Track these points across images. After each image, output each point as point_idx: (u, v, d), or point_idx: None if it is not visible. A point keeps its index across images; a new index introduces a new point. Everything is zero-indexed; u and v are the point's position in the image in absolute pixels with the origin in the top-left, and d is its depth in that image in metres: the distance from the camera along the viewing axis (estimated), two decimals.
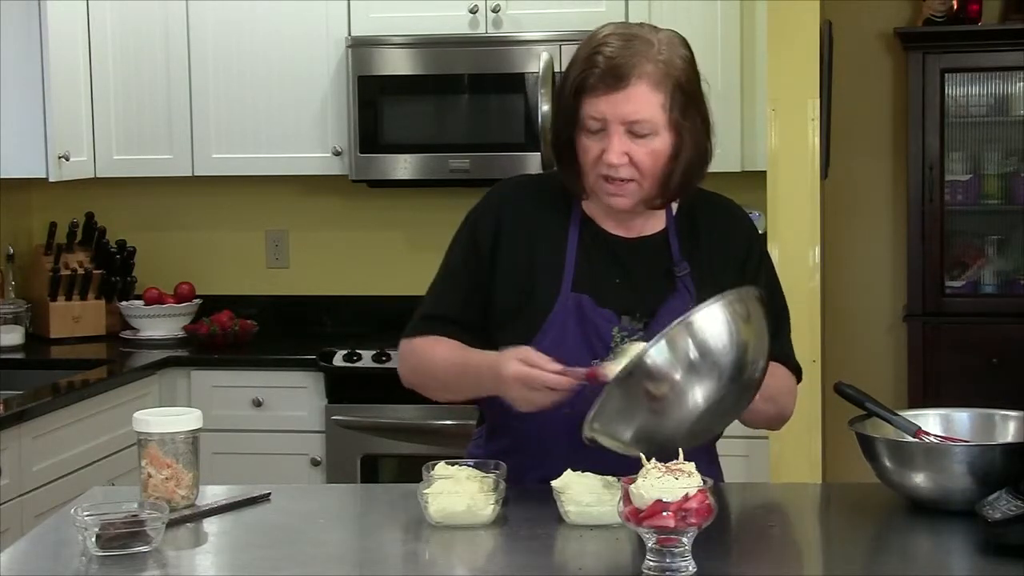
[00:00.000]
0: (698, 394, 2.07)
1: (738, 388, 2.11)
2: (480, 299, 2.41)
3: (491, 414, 2.47)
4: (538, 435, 2.35)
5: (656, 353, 2.05)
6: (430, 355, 2.41)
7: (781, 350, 2.40)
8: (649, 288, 2.32)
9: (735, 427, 2.47)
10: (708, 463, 2.37)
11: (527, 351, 2.22)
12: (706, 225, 2.43)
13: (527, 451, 2.37)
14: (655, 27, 2.36)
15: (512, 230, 2.42)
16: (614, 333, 2.33)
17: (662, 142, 2.30)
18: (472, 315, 2.41)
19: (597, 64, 2.27)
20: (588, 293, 2.36)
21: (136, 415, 2.30)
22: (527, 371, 2.19)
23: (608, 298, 2.35)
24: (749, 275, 2.39)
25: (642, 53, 2.27)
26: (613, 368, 2.12)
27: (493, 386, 2.26)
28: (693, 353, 2.05)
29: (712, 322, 2.07)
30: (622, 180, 2.30)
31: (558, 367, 2.19)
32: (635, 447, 2.08)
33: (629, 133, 2.28)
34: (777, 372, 2.37)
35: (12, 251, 4.84)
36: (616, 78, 2.26)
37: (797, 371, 2.48)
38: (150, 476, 2.28)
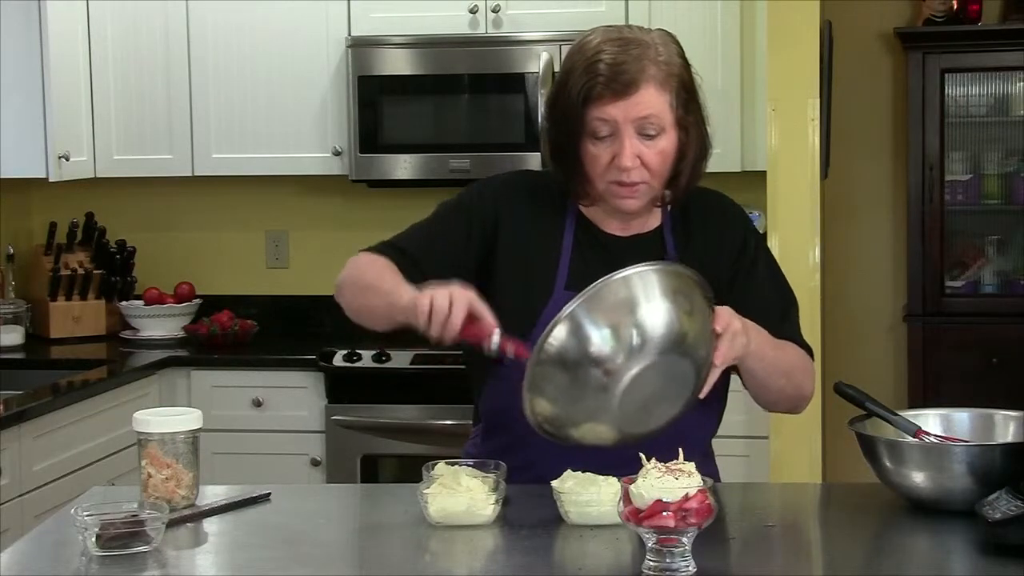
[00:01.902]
0: (618, 366, 2.09)
1: (672, 362, 2.11)
2: (451, 263, 2.38)
3: (487, 414, 2.48)
4: (533, 434, 2.35)
5: (560, 329, 2.08)
6: (366, 263, 2.41)
7: (790, 332, 2.41)
8: None
9: (734, 427, 2.48)
10: (703, 461, 2.36)
11: (477, 301, 2.19)
12: (699, 220, 2.44)
13: (522, 450, 2.37)
14: (643, 27, 2.36)
15: (509, 229, 2.42)
16: None
17: (668, 141, 2.31)
18: (432, 265, 2.38)
19: (600, 72, 2.26)
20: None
21: (136, 415, 2.30)
22: (469, 296, 2.16)
23: None
24: (745, 266, 2.41)
25: (644, 56, 2.28)
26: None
27: (402, 297, 2.22)
28: (600, 324, 2.08)
29: (618, 289, 2.09)
30: (633, 183, 2.31)
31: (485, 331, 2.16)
32: (579, 434, 2.14)
33: (639, 135, 2.29)
34: (789, 348, 2.38)
35: (12, 251, 4.84)
36: (624, 84, 2.26)
37: (809, 353, 2.48)
38: (150, 476, 2.28)
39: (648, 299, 2.10)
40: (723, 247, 2.42)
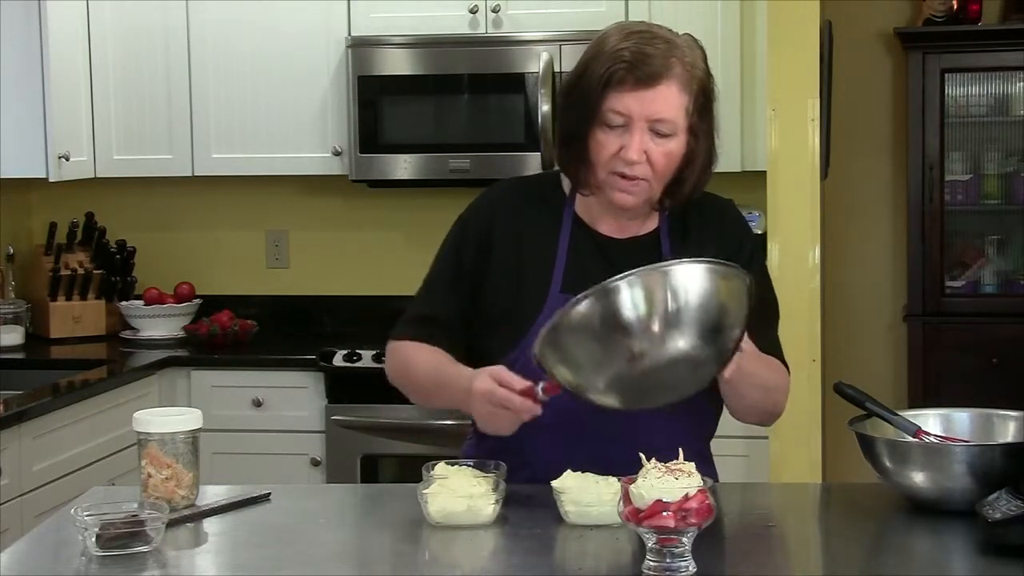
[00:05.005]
0: (658, 340, 2.04)
1: (704, 352, 2.07)
2: (468, 301, 2.43)
3: None
4: (528, 436, 2.35)
5: (625, 284, 2.04)
6: (412, 361, 2.45)
7: (770, 346, 2.39)
8: None
9: (734, 427, 2.48)
10: (703, 463, 2.36)
11: (500, 370, 2.23)
12: (696, 224, 2.43)
13: (517, 451, 2.37)
14: (669, 28, 2.36)
15: (503, 233, 2.42)
16: None
17: (678, 144, 2.30)
18: (460, 317, 2.44)
19: (626, 58, 2.26)
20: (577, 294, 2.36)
21: (136, 415, 2.31)
22: (494, 388, 2.20)
23: None
24: None
25: (671, 53, 2.28)
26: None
27: (463, 400, 2.28)
28: (662, 296, 2.03)
29: (686, 275, 2.05)
30: (635, 178, 2.30)
31: (525, 385, 2.18)
32: (582, 381, 2.09)
33: (651, 132, 2.28)
34: (773, 365, 2.36)
35: (12, 251, 4.84)
36: (648, 75, 2.25)
37: (786, 368, 2.47)
38: (150, 476, 2.28)
39: (695, 288, 2.06)
40: (718, 251, 2.41)
